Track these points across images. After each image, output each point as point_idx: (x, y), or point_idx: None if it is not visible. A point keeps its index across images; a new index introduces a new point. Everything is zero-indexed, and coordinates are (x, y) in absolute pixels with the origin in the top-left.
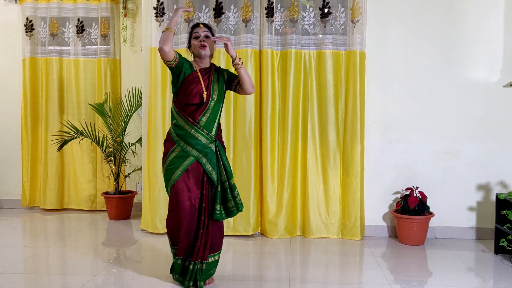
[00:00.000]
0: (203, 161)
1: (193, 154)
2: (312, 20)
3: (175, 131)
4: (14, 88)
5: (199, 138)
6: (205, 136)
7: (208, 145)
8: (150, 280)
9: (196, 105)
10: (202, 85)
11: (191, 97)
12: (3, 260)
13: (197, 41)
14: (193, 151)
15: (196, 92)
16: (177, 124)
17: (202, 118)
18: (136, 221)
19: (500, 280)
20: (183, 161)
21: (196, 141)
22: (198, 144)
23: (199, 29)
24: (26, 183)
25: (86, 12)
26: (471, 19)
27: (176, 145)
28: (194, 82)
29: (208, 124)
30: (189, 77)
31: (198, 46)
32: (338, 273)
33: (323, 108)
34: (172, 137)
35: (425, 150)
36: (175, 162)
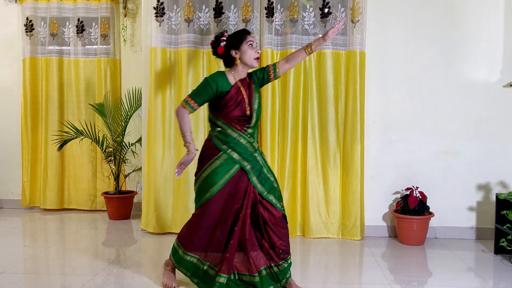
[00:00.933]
0: (247, 169)
1: (239, 162)
2: (312, 20)
3: (220, 138)
4: (14, 88)
5: (246, 146)
6: (251, 144)
7: (254, 153)
8: (150, 280)
9: (242, 117)
10: (245, 99)
11: (237, 110)
12: (3, 260)
13: (253, 51)
14: (240, 159)
15: (240, 107)
16: (222, 132)
17: (249, 126)
18: (136, 221)
19: (500, 280)
20: (228, 169)
21: (243, 148)
22: (245, 151)
23: (253, 39)
24: (26, 183)
25: (86, 12)
26: (471, 19)
27: (222, 152)
28: (236, 98)
29: (253, 133)
30: (231, 92)
31: (254, 57)
32: (338, 273)
33: (323, 108)
34: (217, 145)
35: (425, 150)
36: (220, 171)
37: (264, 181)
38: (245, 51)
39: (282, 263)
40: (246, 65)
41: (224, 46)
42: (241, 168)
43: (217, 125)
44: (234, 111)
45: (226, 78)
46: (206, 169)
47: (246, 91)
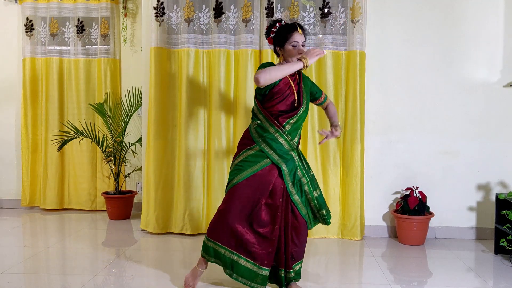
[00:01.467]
0: (282, 167)
1: (273, 158)
2: (312, 20)
3: (257, 131)
4: (14, 88)
5: (282, 143)
6: (288, 142)
7: (290, 151)
8: (150, 280)
9: (285, 111)
10: (294, 93)
11: (282, 104)
12: (3, 260)
13: (295, 50)
14: (274, 155)
15: (288, 99)
16: (261, 125)
17: (288, 123)
18: (136, 221)
19: (500, 280)
20: (259, 161)
21: (278, 145)
22: (280, 149)
23: (299, 37)
24: (26, 183)
25: (86, 12)
26: (471, 19)
27: (255, 145)
28: (286, 90)
29: (292, 131)
30: (281, 84)
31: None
32: (338, 273)
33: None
34: (253, 137)
35: (425, 150)
36: (250, 160)
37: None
38: (289, 50)
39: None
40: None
41: (273, 38)
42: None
43: (258, 117)
44: (278, 104)
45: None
46: (239, 157)
47: (295, 85)
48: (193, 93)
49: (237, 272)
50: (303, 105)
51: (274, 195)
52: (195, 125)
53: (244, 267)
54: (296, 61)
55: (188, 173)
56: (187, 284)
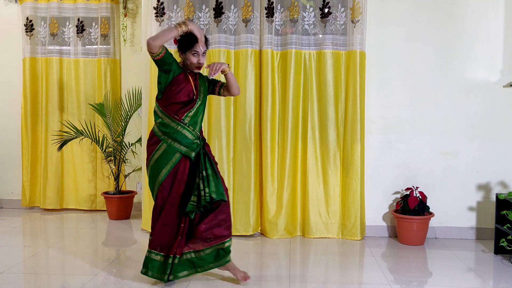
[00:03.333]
0: (192, 155)
1: (181, 150)
2: (312, 20)
3: (160, 129)
4: (14, 88)
5: (186, 134)
6: (191, 132)
7: (195, 140)
8: (150, 280)
9: (182, 103)
10: (192, 85)
11: (179, 95)
12: (3, 260)
13: (195, 59)
14: (181, 147)
15: (186, 91)
16: (162, 123)
17: (187, 116)
18: (136, 221)
19: (500, 280)
20: (170, 157)
21: (183, 137)
22: (186, 140)
23: (199, 49)
24: (26, 183)
25: (86, 12)
26: (471, 19)
27: (162, 143)
28: (184, 82)
29: (193, 122)
30: (179, 76)
31: (195, 66)
32: (338, 273)
33: (323, 108)
34: (158, 136)
35: (425, 150)
36: (162, 160)
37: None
38: (189, 58)
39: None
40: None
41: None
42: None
43: (158, 116)
44: (178, 95)
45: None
46: (150, 161)
47: (193, 79)
48: None
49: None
50: (199, 98)
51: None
52: None
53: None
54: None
55: None
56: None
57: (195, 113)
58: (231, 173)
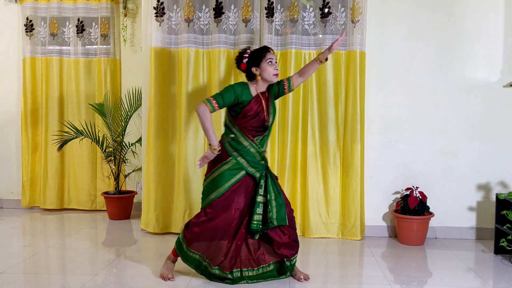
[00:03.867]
0: (257, 176)
1: (247, 169)
2: (312, 20)
3: (232, 144)
4: (14, 88)
5: (255, 155)
6: (260, 153)
7: (260, 161)
8: (150, 280)
9: (257, 128)
10: (264, 112)
11: (254, 121)
12: (3, 260)
13: (272, 68)
14: (249, 167)
15: (260, 117)
16: (235, 139)
17: (260, 137)
18: (136, 221)
19: (500, 280)
20: (236, 173)
21: (252, 157)
22: (253, 160)
23: (273, 56)
24: (26, 183)
25: (86, 12)
26: (471, 19)
27: (231, 158)
28: (258, 108)
29: (263, 143)
30: (252, 103)
31: (273, 74)
32: (338, 273)
33: (323, 108)
34: (228, 150)
35: (425, 150)
36: (227, 174)
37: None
38: (265, 68)
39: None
40: (266, 80)
41: (246, 62)
42: (247, 174)
43: (231, 131)
44: (251, 121)
45: (249, 89)
46: (215, 171)
47: (265, 103)
48: (193, 93)
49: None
50: (270, 122)
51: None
52: (195, 125)
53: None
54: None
55: (188, 173)
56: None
57: (266, 135)
58: None
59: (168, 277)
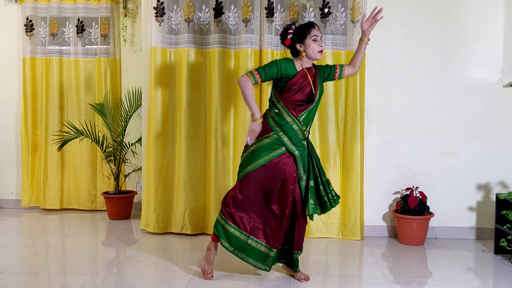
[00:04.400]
0: (296, 154)
1: (288, 146)
2: (312, 20)
3: (275, 119)
4: (14, 88)
5: (298, 133)
6: (302, 131)
7: (302, 140)
8: (150, 280)
9: (301, 102)
10: (311, 85)
11: (298, 95)
12: (3, 260)
13: (317, 44)
14: (289, 143)
15: (305, 91)
16: (279, 114)
17: (304, 114)
18: (136, 221)
19: (500, 280)
20: (276, 148)
21: (294, 134)
22: (296, 138)
23: (317, 32)
24: (26, 183)
25: (86, 12)
26: (471, 19)
27: (273, 133)
28: (303, 82)
29: (307, 121)
30: (297, 76)
31: (317, 50)
32: (338, 273)
33: (323, 108)
34: (271, 125)
35: (425, 150)
36: (266, 147)
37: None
38: (309, 45)
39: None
40: (309, 57)
41: (290, 38)
42: (288, 152)
43: (276, 106)
44: (296, 95)
45: (294, 64)
46: (254, 144)
47: (312, 77)
48: (193, 93)
49: (249, 254)
50: (317, 96)
51: (287, 182)
52: (195, 125)
53: (256, 249)
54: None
55: (188, 173)
56: (204, 271)
57: (310, 111)
58: (231, 173)
59: (208, 273)
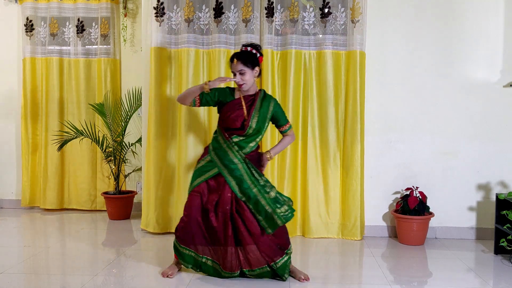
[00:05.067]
0: (224, 174)
1: (219, 166)
2: (312, 20)
3: (213, 143)
4: (14, 88)
5: (228, 153)
6: (234, 152)
7: (235, 161)
8: (150, 280)
9: (236, 129)
10: (244, 112)
11: (230, 121)
12: (3, 260)
13: (235, 79)
14: (219, 163)
15: (235, 119)
16: (216, 138)
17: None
18: (136, 221)
19: (500, 281)
20: (208, 170)
21: (225, 154)
22: (226, 158)
23: (233, 67)
24: (26, 183)
25: (86, 12)
26: (471, 19)
27: (208, 155)
28: (235, 109)
29: (241, 143)
30: (230, 104)
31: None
32: (338, 273)
33: (323, 108)
34: (209, 149)
35: (425, 150)
36: (202, 170)
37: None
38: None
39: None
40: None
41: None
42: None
43: (216, 131)
44: (229, 120)
45: (233, 92)
46: (197, 165)
47: (247, 107)
48: None
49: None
50: (251, 127)
51: (222, 202)
52: (195, 125)
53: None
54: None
55: (188, 173)
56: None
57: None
58: None
59: (168, 273)
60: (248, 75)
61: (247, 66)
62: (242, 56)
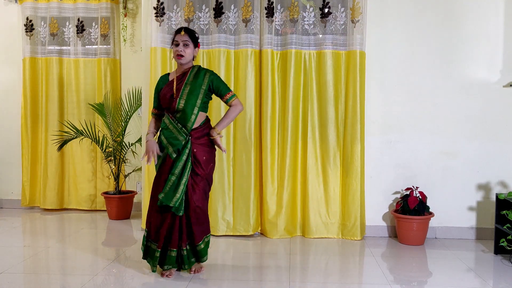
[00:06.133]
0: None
1: (163, 141)
2: (312, 20)
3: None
4: (14, 88)
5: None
6: (176, 128)
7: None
8: (150, 280)
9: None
10: (174, 89)
11: (162, 100)
12: (3, 260)
13: (176, 49)
14: (163, 139)
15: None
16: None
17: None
18: (136, 221)
19: (500, 280)
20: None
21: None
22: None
23: (179, 37)
24: (26, 183)
25: (86, 12)
26: (471, 19)
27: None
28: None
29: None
30: (165, 86)
31: (175, 55)
32: (338, 273)
33: (323, 108)
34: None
35: (425, 150)
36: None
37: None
38: (173, 50)
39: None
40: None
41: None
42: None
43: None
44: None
45: (167, 77)
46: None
47: (177, 85)
48: None
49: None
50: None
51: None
52: None
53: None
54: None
55: None
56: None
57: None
58: (231, 173)
59: (167, 273)
60: (190, 49)
61: (192, 41)
62: (190, 30)
